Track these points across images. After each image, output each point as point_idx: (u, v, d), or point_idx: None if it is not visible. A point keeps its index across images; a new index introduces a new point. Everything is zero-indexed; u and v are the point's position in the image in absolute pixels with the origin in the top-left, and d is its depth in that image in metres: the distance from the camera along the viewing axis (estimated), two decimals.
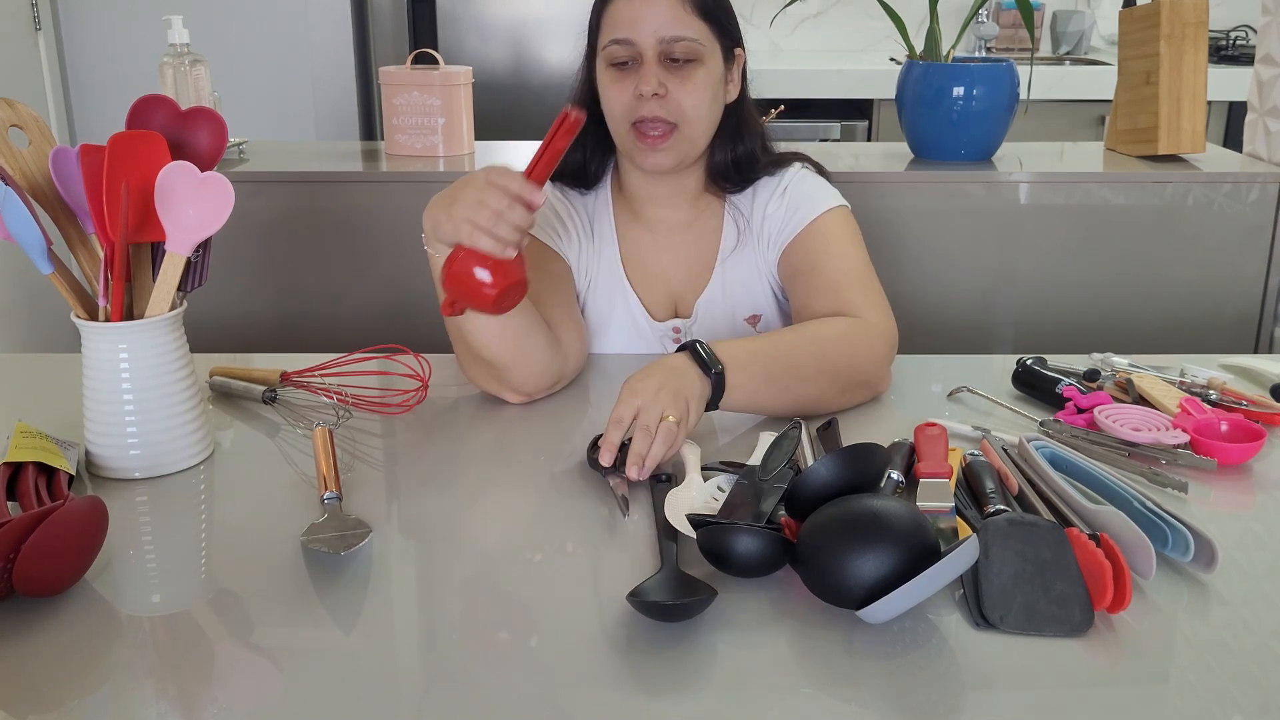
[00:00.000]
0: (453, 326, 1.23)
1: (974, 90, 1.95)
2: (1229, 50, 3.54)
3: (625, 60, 1.30)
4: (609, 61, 1.32)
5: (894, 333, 1.28)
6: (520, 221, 1.04)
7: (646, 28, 1.28)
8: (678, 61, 1.30)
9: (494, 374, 1.24)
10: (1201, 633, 0.84)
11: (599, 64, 1.34)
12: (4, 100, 1.05)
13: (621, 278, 1.42)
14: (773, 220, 1.39)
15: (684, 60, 1.30)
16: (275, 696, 0.76)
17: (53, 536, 0.83)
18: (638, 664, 0.80)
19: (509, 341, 1.20)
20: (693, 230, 1.42)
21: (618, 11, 1.30)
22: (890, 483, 1.01)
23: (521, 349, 1.22)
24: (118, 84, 3.01)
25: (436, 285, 1.14)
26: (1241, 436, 1.13)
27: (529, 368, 1.23)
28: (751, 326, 1.43)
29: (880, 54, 3.63)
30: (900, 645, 0.82)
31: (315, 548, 0.92)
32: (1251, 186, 1.94)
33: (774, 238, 1.39)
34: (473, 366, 1.26)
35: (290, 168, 2.02)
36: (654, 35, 1.28)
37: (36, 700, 0.75)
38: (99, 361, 1.05)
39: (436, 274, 1.15)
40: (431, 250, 1.16)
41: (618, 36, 1.29)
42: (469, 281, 1.05)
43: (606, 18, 1.32)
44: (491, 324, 1.17)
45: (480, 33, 3.04)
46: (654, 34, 1.28)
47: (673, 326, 1.43)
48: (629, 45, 1.29)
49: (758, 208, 1.41)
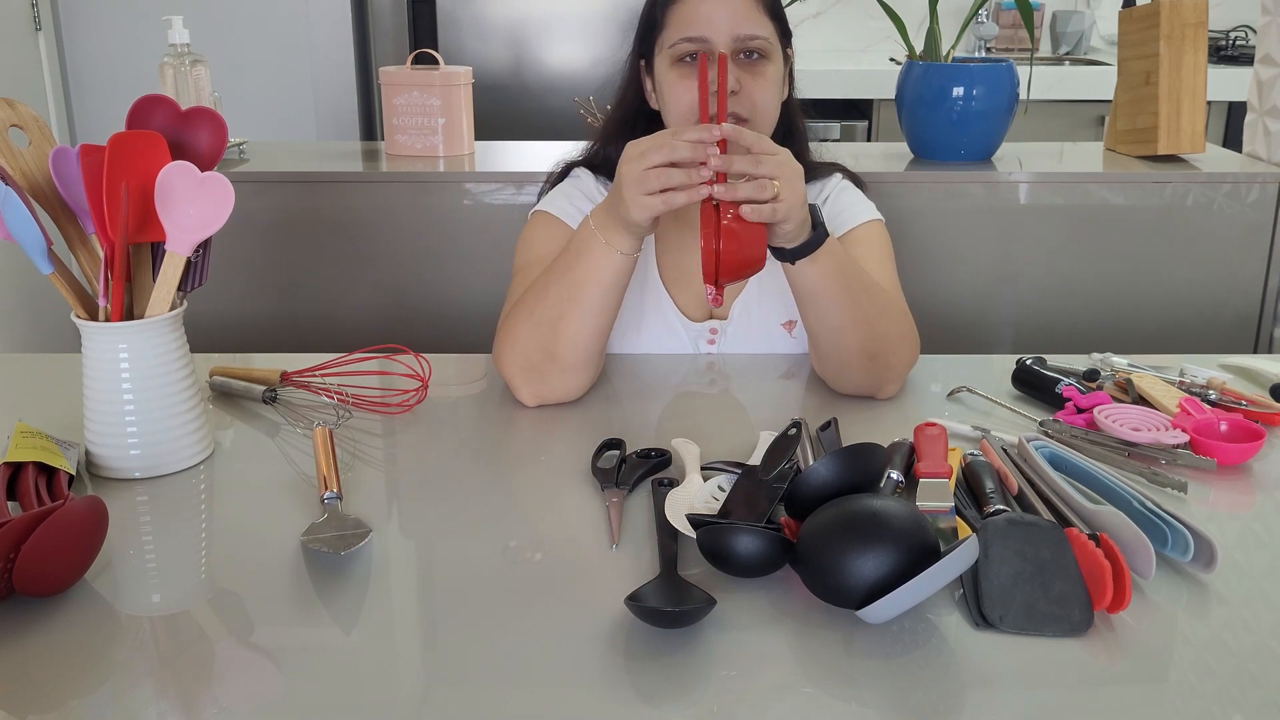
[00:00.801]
0: (547, 310, 1.21)
1: (974, 90, 1.95)
2: (1229, 50, 3.54)
3: (694, 56, 1.29)
4: (676, 59, 1.31)
5: (918, 348, 1.30)
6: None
7: (722, 25, 1.28)
8: (750, 58, 1.30)
9: (542, 370, 1.22)
10: (1201, 632, 0.84)
11: (661, 61, 1.33)
12: (4, 100, 1.05)
13: (655, 277, 1.42)
14: None
15: (757, 57, 1.30)
16: (275, 696, 0.77)
17: (53, 536, 0.83)
18: (637, 663, 0.80)
19: (600, 338, 1.23)
20: None
21: (688, 10, 1.30)
22: (890, 483, 1.01)
23: (601, 349, 1.25)
24: (118, 84, 3.01)
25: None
26: (1241, 436, 1.13)
27: (582, 378, 1.25)
28: (788, 332, 1.42)
29: (880, 54, 3.63)
30: (900, 645, 0.82)
31: (315, 548, 0.92)
32: (1251, 186, 1.94)
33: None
34: (528, 355, 1.22)
35: (290, 168, 2.02)
36: (729, 33, 1.28)
37: (36, 700, 0.75)
38: (99, 361, 1.05)
39: (607, 272, 1.18)
40: (616, 245, 1.17)
41: (690, 35, 1.29)
42: (754, 234, 1.08)
43: (674, 15, 1.31)
44: (600, 317, 1.21)
45: (480, 33, 3.04)
46: (729, 31, 1.28)
47: (709, 328, 1.42)
48: (702, 43, 1.29)
49: None
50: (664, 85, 1.33)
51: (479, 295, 1.98)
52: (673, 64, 1.31)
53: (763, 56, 1.30)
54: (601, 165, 1.44)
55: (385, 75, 2.05)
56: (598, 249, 1.18)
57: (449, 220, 1.97)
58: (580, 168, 1.46)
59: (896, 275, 1.38)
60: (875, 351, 1.23)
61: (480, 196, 1.96)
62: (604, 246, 1.18)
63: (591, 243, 1.19)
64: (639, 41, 1.39)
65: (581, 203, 1.39)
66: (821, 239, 1.16)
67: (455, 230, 1.97)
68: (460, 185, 1.96)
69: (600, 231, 1.18)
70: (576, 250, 1.21)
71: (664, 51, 1.32)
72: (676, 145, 1.09)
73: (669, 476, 1.07)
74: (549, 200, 1.41)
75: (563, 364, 1.22)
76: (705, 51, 1.29)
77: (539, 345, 1.22)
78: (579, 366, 1.23)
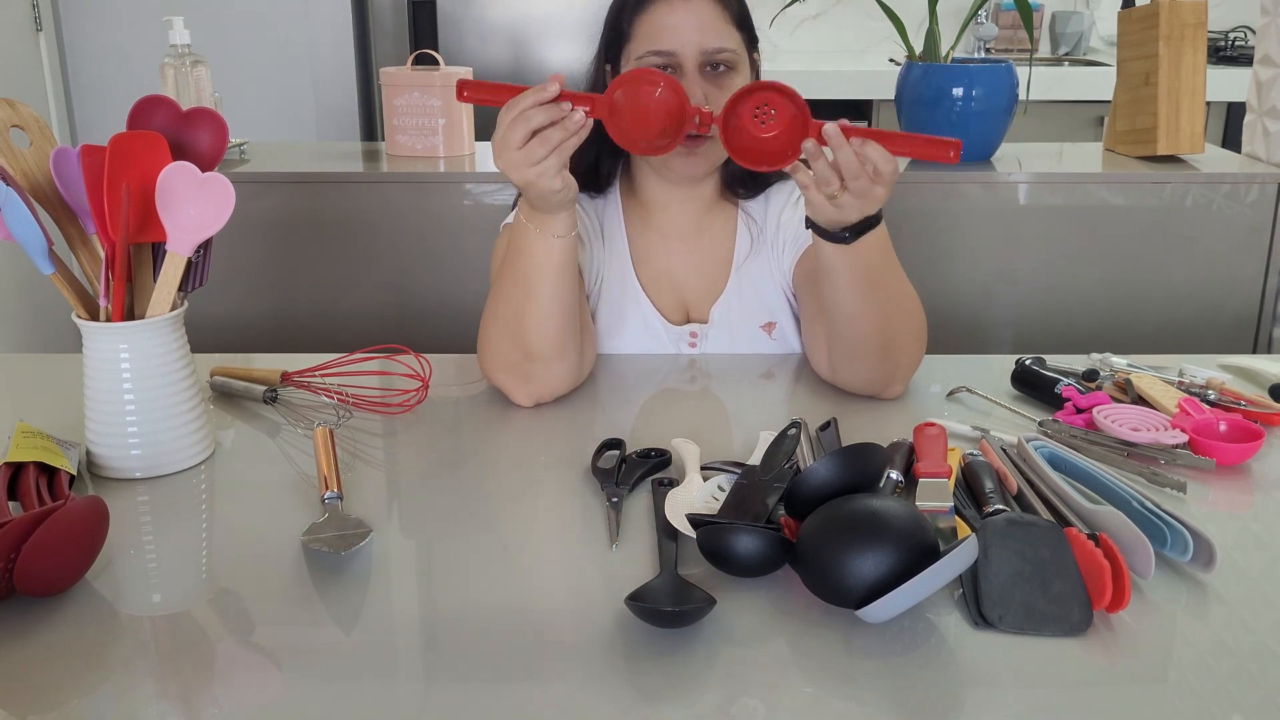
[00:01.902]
0: (507, 308, 1.22)
1: (973, 91, 1.96)
2: (1228, 51, 3.54)
3: (662, 69, 1.29)
4: None
5: (924, 349, 1.29)
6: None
7: (689, 38, 1.28)
8: (716, 70, 1.29)
9: (524, 369, 1.23)
10: (1200, 632, 0.84)
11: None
12: (5, 101, 1.05)
13: (634, 281, 1.42)
14: (787, 228, 1.39)
15: (724, 69, 1.29)
16: (275, 696, 0.77)
17: (53, 536, 0.83)
18: (637, 663, 0.80)
19: (566, 324, 1.23)
20: (706, 236, 1.42)
21: (655, 21, 1.29)
22: (889, 482, 1.01)
23: (572, 336, 1.24)
24: (118, 84, 3.02)
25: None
26: (1240, 436, 1.13)
27: (563, 366, 1.25)
28: (767, 334, 1.43)
29: (880, 55, 3.63)
30: (900, 645, 0.82)
31: (316, 547, 0.92)
32: (1250, 187, 1.94)
33: (789, 245, 1.39)
34: (505, 356, 1.24)
35: (291, 168, 2.02)
36: (696, 46, 1.28)
37: (36, 700, 0.76)
38: (100, 361, 1.05)
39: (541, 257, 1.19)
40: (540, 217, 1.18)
41: (658, 48, 1.28)
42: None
43: (640, 27, 1.30)
44: (556, 303, 1.21)
45: (480, 33, 3.05)
46: (696, 45, 1.28)
47: (690, 331, 1.43)
48: (669, 55, 1.28)
49: (771, 215, 1.41)
50: None
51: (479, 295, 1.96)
52: None
53: (730, 68, 1.30)
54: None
55: (386, 76, 2.05)
56: (533, 239, 1.20)
57: (449, 220, 1.97)
58: None
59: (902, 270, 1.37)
60: (886, 346, 1.23)
61: (480, 197, 1.96)
62: (537, 234, 1.19)
63: (526, 235, 1.20)
64: (604, 50, 1.38)
65: None
66: (842, 239, 1.14)
67: (455, 230, 1.97)
68: (460, 185, 1.96)
69: (530, 222, 1.19)
70: (517, 246, 1.22)
71: (630, 63, 1.31)
72: (529, 115, 1.09)
73: (669, 476, 1.07)
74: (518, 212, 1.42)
75: (538, 357, 1.23)
76: (671, 64, 1.28)
77: (511, 344, 1.23)
78: (554, 356, 1.23)
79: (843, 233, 1.14)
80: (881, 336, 1.22)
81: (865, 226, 1.14)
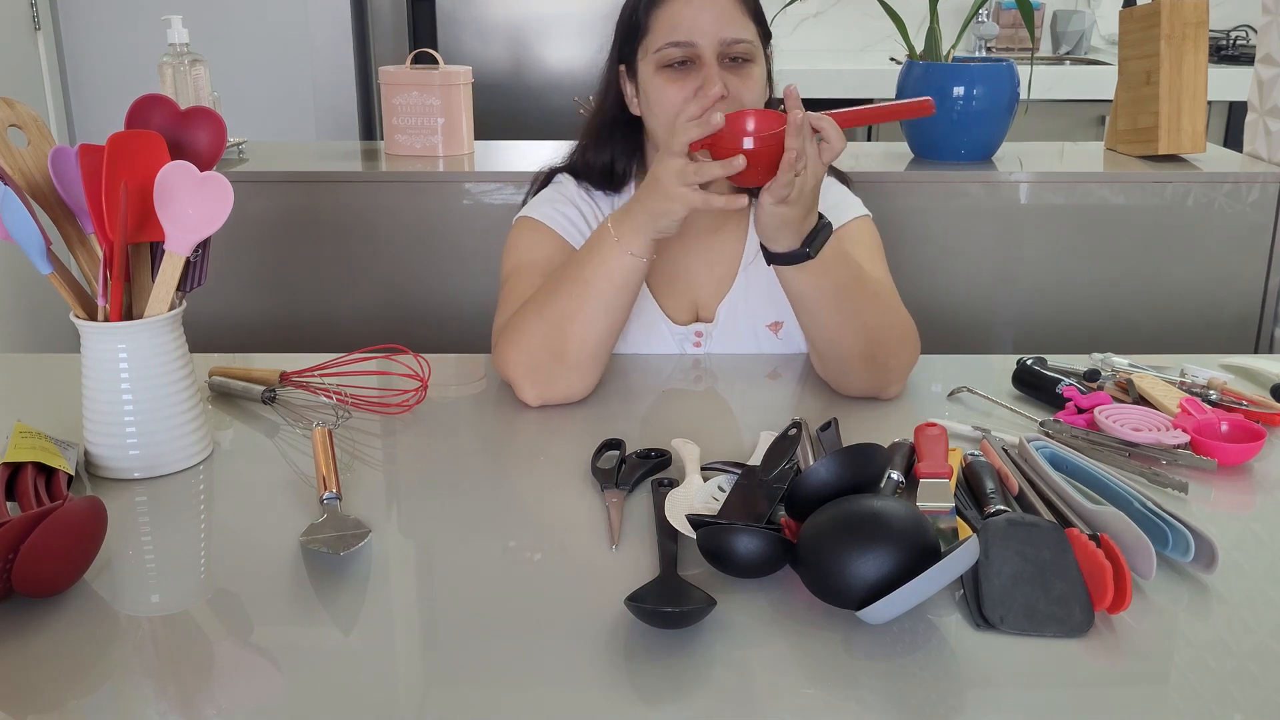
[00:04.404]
0: (555, 308, 1.22)
1: (974, 90, 1.95)
2: (1229, 50, 3.54)
3: (681, 61, 1.28)
4: (662, 63, 1.29)
5: (919, 346, 1.30)
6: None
7: (708, 29, 1.27)
8: (736, 61, 1.29)
9: (549, 370, 1.23)
10: (1201, 633, 0.84)
11: (646, 66, 1.31)
12: (3, 100, 1.05)
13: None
14: None
15: (742, 60, 1.29)
16: (275, 696, 0.76)
17: (52, 536, 0.83)
18: (637, 663, 0.80)
19: (608, 339, 1.24)
20: (718, 235, 1.42)
21: (673, 13, 1.29)
22: (890, 483, 1.01)
23: (608, 351, 1.26)
24: (117, 84, 3.01)
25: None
26: (1242, 437, 1.13)
27: (586, 379, 1.25)
28: (773, 333, 1.42)
29: (880, 54, 3.63)
30: (900, 645, 0.81)
31: (315, 548, 0.92)
32: (1251, 186, 1.94)
33: None
34: (533, 354, 1.23)
35: (290, 168, 2.02)
36: (715, 37, 1.27)
37: (36, 700, 0.75)
38: (98, 361, 1.05)
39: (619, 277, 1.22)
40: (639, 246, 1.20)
41: (676, 39, 1.28)
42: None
43: (657, 19, 1.30)
44: (607, 318, 1.22)
45: (480, 33, 3.04)
46: (715, 35, 1.27)
47: (695, 330, 1.42)
48: (688, 47, 1.28)
49: None
50: (650, 90, 1.31)
51: (479, 295, 1.98)
52: (658, 69, 1.30)
53: (748, 60, 1.30)
54: (583, 171, 1.44)
55: (385, 75, 2.05)
56: (609, 247, 1.20)
57: (449, 220, 1.97)
58: (563, 174, 1.46)
59: (888, 271, 1.38)
60: (874, 355, 1.23)
61: (480, 196, 1.96)
62: (615, 244, 1.19)
63: (604, 242, 1.21)
64: (619, 46, 1.37)
65: (566, 208, 1.39)
66: (804, 256, 1.16)
67: (455, 230, 1.97)
68: (460, 185, 1.96)
69: (615, 229, 1.20)
70: (589, 250, 1.22)
71: (648, 56, 1.31)
72: (688, 128, 1.12)
73: (669, 476, 1.06)
74: (533, 206, 1.41)
75: (570, 363, 1.23)
76: (691, 56, 1.28)
77: (547, 344, 1.22)
78: (586, 366, 1.24)
79: (803, 249, 1.16)
80: (866, 349, 1.23)
81: (819, 238, 1.16)
